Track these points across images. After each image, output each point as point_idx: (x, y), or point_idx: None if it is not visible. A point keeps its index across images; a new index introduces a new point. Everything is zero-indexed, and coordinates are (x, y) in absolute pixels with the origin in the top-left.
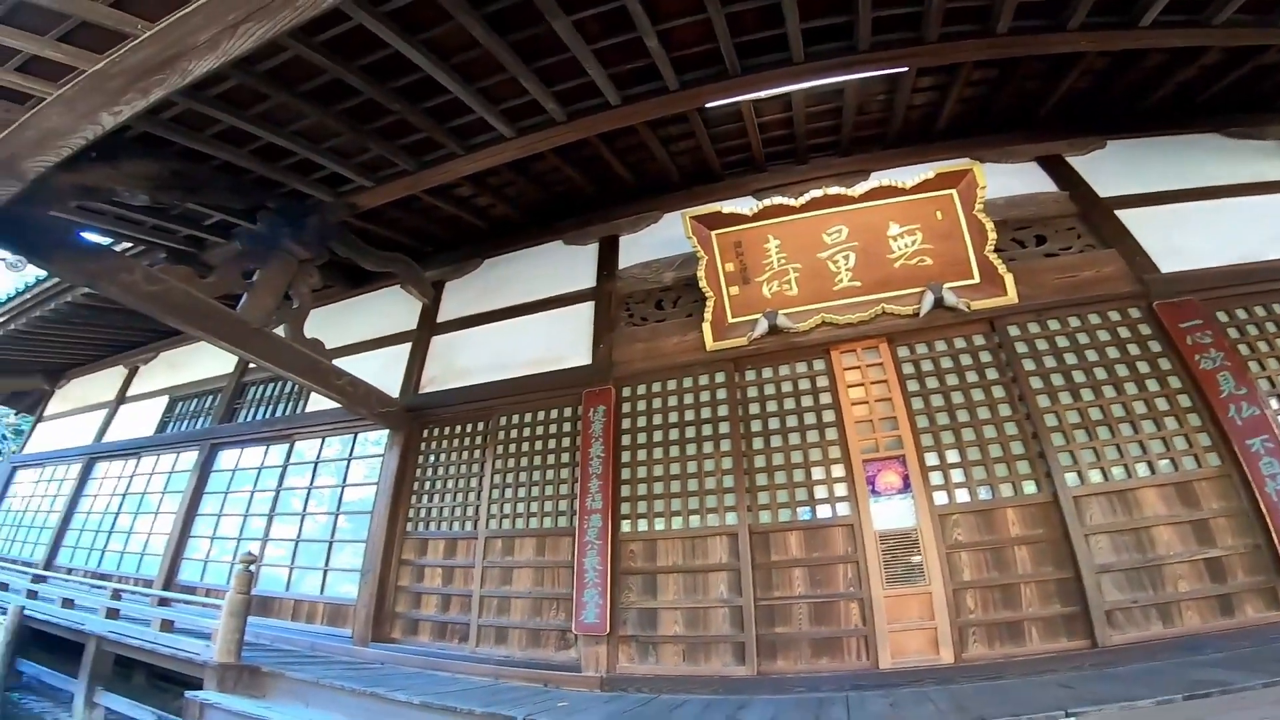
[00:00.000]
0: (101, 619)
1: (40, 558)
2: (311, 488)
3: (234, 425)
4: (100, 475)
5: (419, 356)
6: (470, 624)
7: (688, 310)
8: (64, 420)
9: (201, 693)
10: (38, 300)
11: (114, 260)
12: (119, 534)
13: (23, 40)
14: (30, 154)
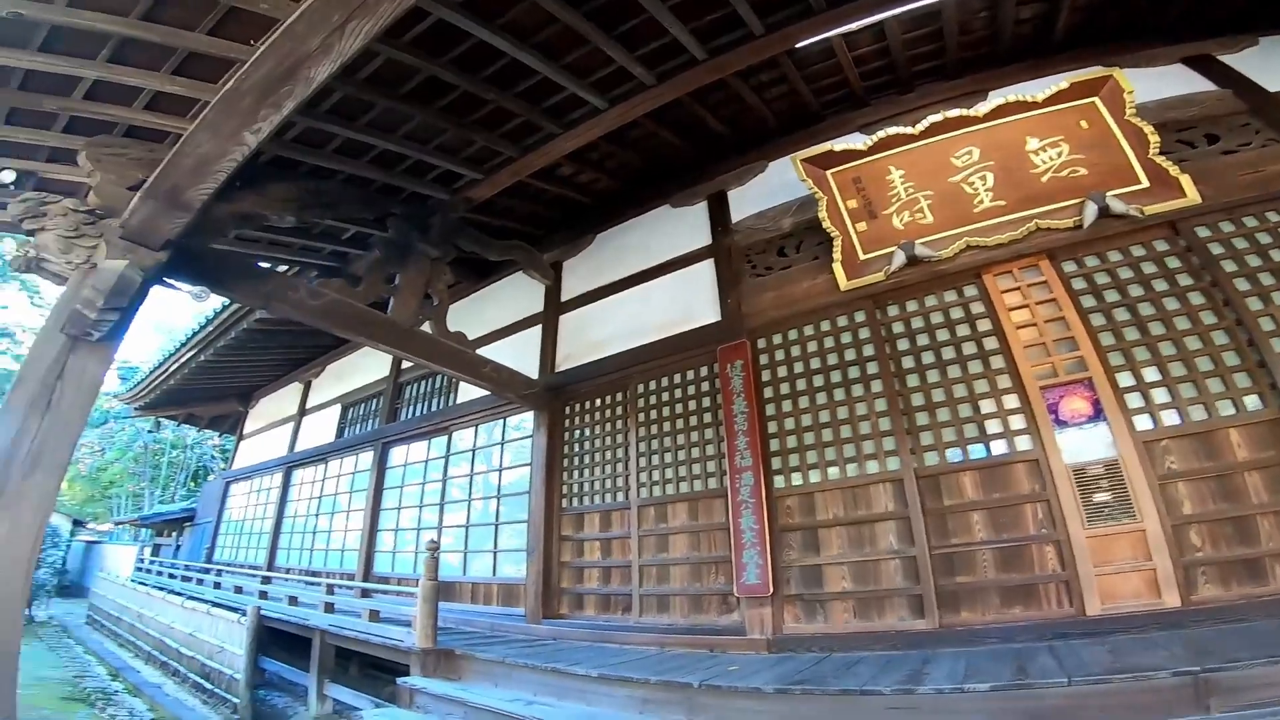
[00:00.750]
0: (322, 614)
1: (262, 561)
2: (472, 474)
3: (398, 424)
4: (298, 481)
5: (550, 336)
6: (632, 594)
7: (813, 254)
8: (260, 436)
9: (410, 679)
10: (220, 330)
11: (280, 281)
12: (321, 533)
13: (141, 77)
14: (191, 183)
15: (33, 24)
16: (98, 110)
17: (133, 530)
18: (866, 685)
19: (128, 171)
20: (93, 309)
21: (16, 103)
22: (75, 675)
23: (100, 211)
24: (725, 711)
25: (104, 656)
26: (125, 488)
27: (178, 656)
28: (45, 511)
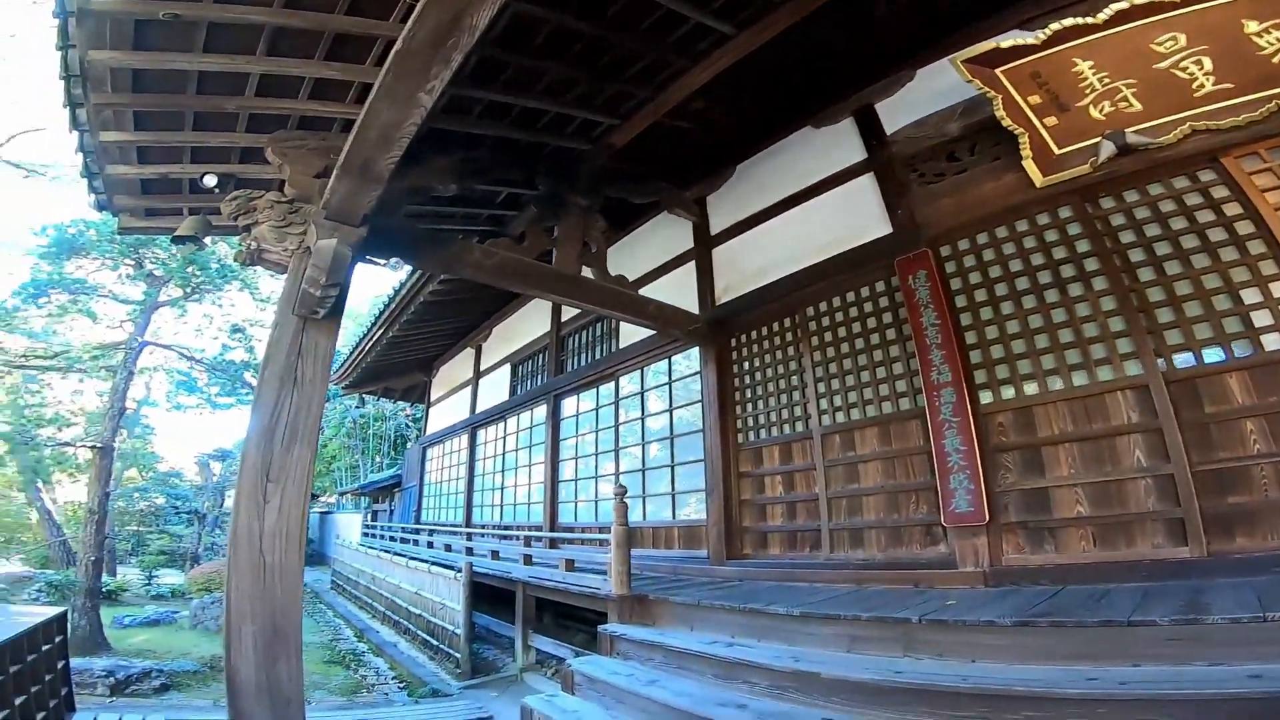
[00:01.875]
0: (522, 566)
1: (460, 519)
2: (643, 417)
3: (566, 375)
4: (482, 441)
5: (705, 271)
6: (820, 529)
7: (992, 154)
8: (444, 402)
9: (609, 626)
10: (400, 306)
11: (457, 246)
12: (507, 489)
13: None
14: (379, 154)
15: (191, 24)
16: (270, 105)
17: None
18: (1133, 616)
19: (310, 161)
20: (316, 286)
21: (199, 106)
22: (331, 639)
23: (297, 201)
24: (951, 647)
25: (350, 619)
26: (344, 461)
27: (407, 615)
28: (307, 482)
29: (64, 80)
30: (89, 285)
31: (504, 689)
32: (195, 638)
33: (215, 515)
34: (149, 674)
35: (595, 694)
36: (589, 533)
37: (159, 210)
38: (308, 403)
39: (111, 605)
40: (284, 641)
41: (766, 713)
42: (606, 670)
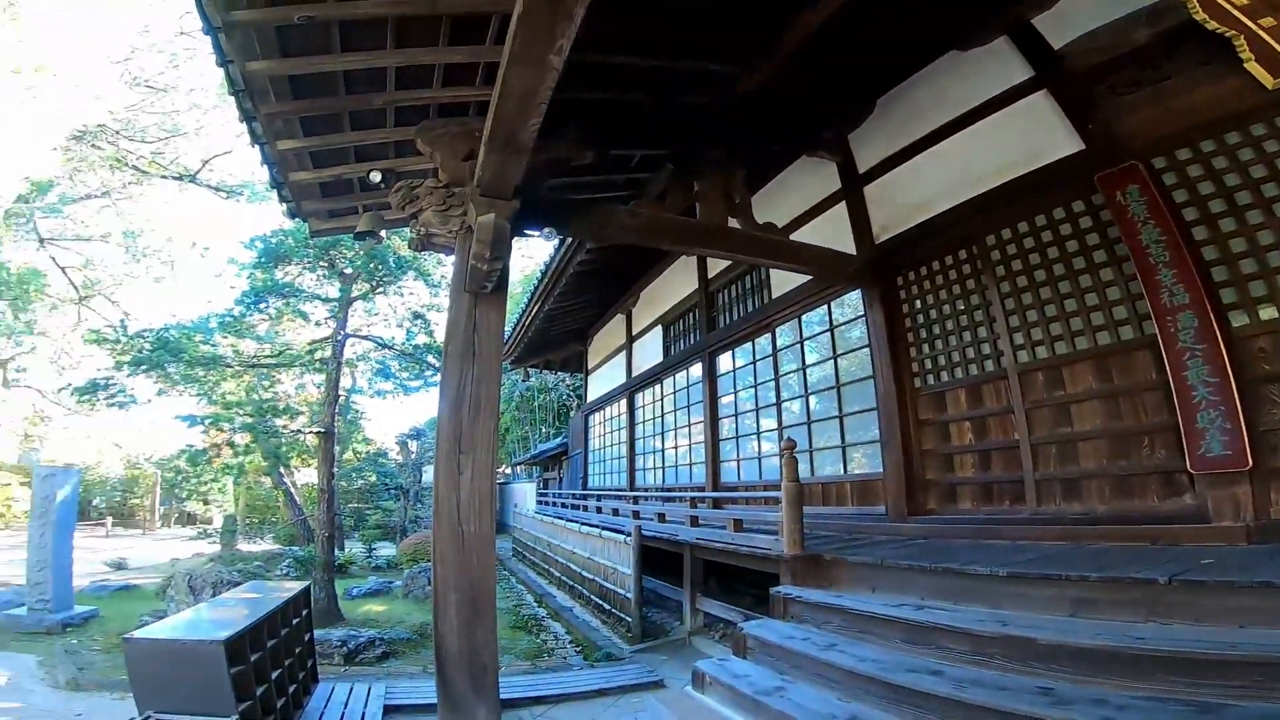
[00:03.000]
0: (689, 528)
1: (624, 483)
2: (804, 368)
3: (719, 331)
4: (640, 404)
5: (858, 211)
6: (1024, 480)
7: (1198, 59)
8: (601, 370)
9: (783, 588)
10: (553, 279)
11: (602, 211)
12: (668, 450)
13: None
14: (520, 122)
15: (324, 25)
16: (410, 97)
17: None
18: None
19: (456, 146)
20: (482, 261)
21: (352, 106)
22: (515, 604)
23: (453, 185)
24: (1211, 612)
25: (531, 584)
26: (516, 433)
27: (581, 580)
28: (494, 451)
29: (234, 96)
30: (296, 288)
31: (673, 653)
32: (408, 606)
33: (416, 490)
34: (373, 643)
35: (768, 658)
36: (753, 491)
37: (339, 211)
38: (486, 374)
39: (341, 578)
40: (480, 609)
41: (966, 680)
42: (779, 634)
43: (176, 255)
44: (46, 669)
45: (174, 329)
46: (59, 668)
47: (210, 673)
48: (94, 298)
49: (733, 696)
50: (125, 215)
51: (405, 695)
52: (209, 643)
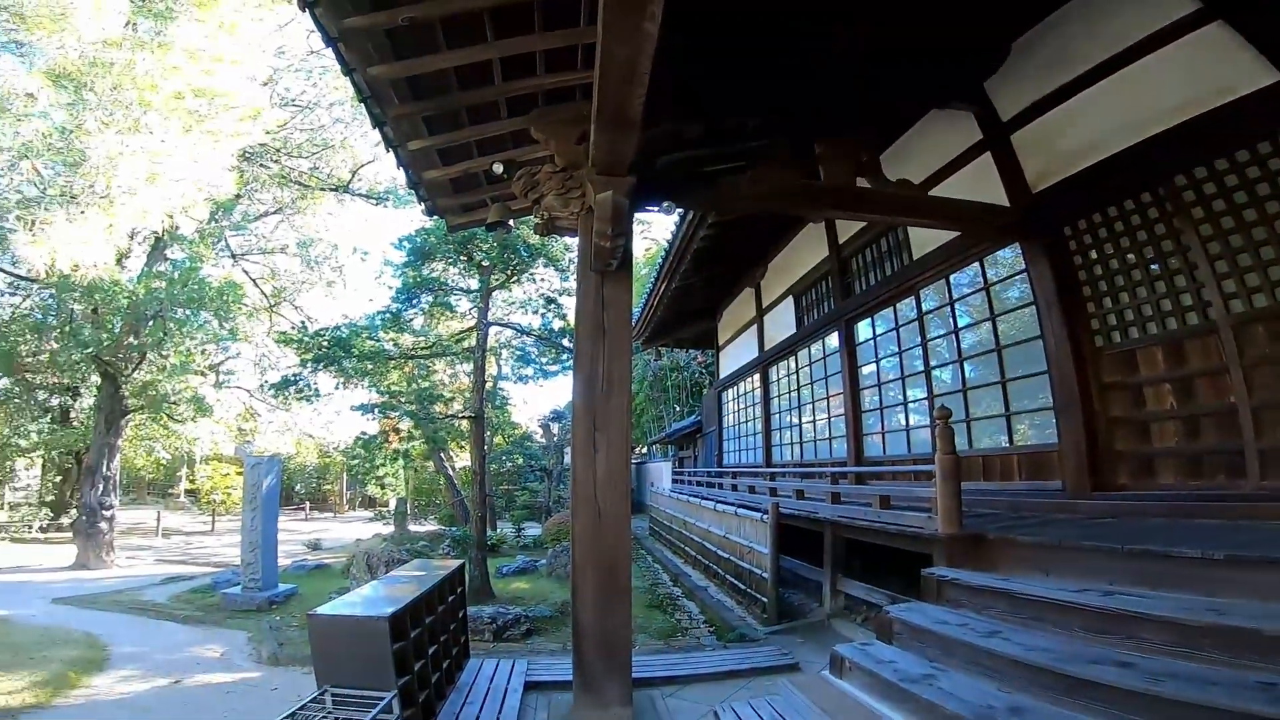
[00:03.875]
0: (830, 505)
1: (760, 459)
2: (955, 330)
3: (855, 298)
4: (774, 378)
5: (1006, 161)
6: (1244, 450)
7: None
8: (732, 345)
9: (936, 569)
10: (677, 257)
11: (724, 181)
12: (806, 424)
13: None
14: (625, 96)
15: (427, 25)
16: (518, 87)
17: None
18: None
19: (568, 130)
20: (605, 239)
21: (467, 101)
22: (651, 584)
23: (569, 169)
24: None
25: (666, 563)
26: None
27: (716, 559)
28: (628, 428)
29: (364, 102)
30: (442, 283)
31: (810, 635)
32: (551, 584)
33: (558, 471)
34: (519, 620)
35: (916, 644)
36: (901, 465)
37: (470, 205)
38: (617, 351)
39: (493, 557)
40: (616, 588)
41: (1163, 673)
42: (931, 618)
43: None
44: (254, 644)
45: (345, 328)
46: (264, 643)
47: (375, 648)
48: (281, 304)
49: (875, 683)
50: (298, 228)
51: (545, 672)
52: (375, 619)
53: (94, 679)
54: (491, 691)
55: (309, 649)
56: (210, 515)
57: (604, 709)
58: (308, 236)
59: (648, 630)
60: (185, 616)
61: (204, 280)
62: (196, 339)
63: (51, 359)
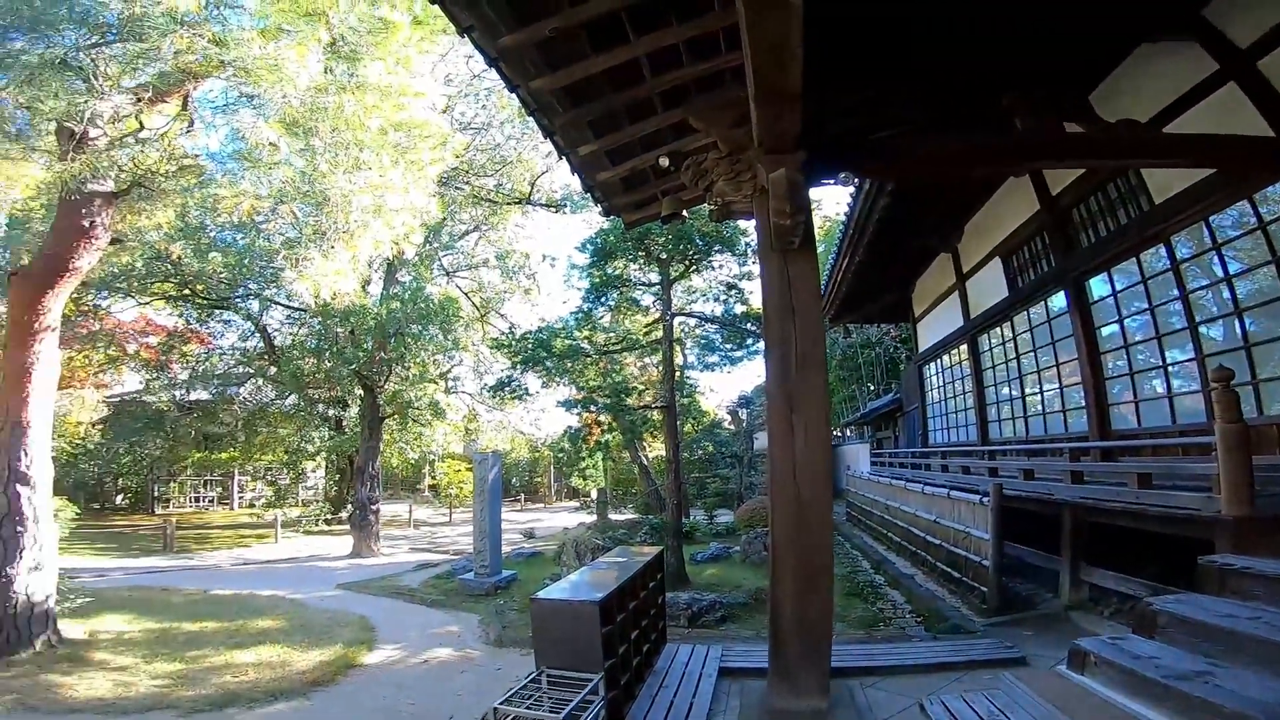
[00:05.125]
0: (1068, 485)
1: (974, 437)
2: (1227, 278)
3: (1082, 252)
4: (985, 348)
5: (1259, 88)
6: None
7: None
8: (930, 316)
9: (1220, 556)
10: (857, 230)
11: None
12: (1029, 397)
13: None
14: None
15: (571, 34)
16: (667, 80)
17: (857, 429)
18: None
19: (724, 115)
20: (783, 217)
21: (623, 101)
22: (850, 571)
23: (735, 152)
24: None
25: (866, 550)
26: (841, 393)
27: (924, 545)
28: (825, 408)
29: (532, 116)
30: (625, 279)
31: (1041, 628)
32: (745, 571)
33: (749, 457)
34: (714, 606)
35: (1186, 638)
36: (1164, 438)
37: (643, 201)
38: (808, 329)
39: (687, 544)
40: (816, 575)
41: None
42: (1211, 611)
43: (535, 268)
44: (483, 626)
45: (545, 330)
46: (491, 626)
47: (587, 631)
48: (489, 313)
49: (1129, 680)
50: (493, 242)
51: (739, 659)
52: (588, 603)
53: (366, 657)
54: (686, 677)
55: (528, 633)
56: (448, 507)
57: (799, 698)
58: (503, 249)
59: (846, 619)
60: (431, 600)
61: (428, 297)
62: (428, 350)
63: (326, 376)
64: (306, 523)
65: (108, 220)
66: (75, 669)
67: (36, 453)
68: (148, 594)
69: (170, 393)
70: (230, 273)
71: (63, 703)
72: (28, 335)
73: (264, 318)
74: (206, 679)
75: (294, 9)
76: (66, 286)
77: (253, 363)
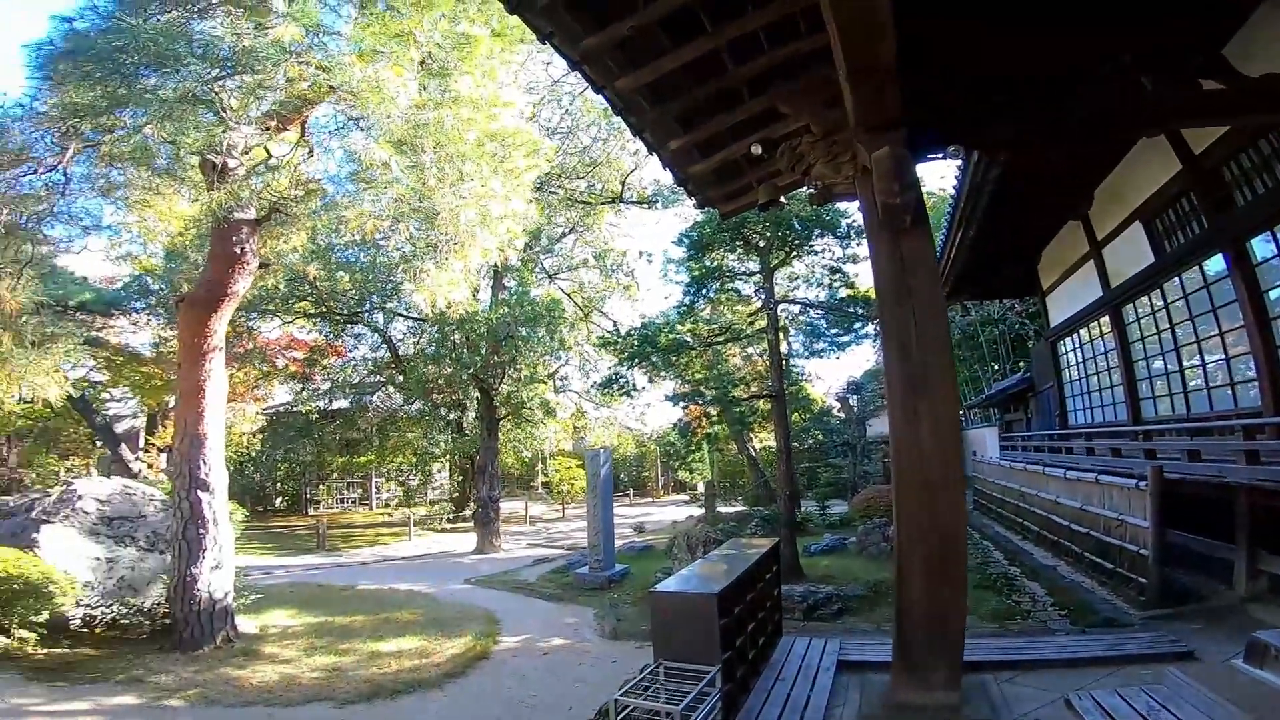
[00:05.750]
0: (1243, 467)
1: (1122, 416)
2: None
3: (1241, 211)
4: (1130, 319)
5: None
6: None
7: None
8: (1061, 288)
9: None
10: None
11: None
12: (1187, 371)
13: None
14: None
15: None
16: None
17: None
18: None
19: (814, 97)
20: (891, 196)
21: (708, 92)
22: (980, 562)
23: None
24: None
25: (998, 540)
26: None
27: (1068, 534)
28: (951, 390)
29: (619, 115)
30: (724, 269)
31: (1210, 621)
32: (862, 563)
33: (861, 445)
34: (830, 599)
35: None
36: None
37: (737, 191)
38: (926, 309)
39: (799, 536)
40: (947, 566)
41: None
42: None
43: (631, 265)
44: (599, 619)
45: (649, 326)
46: (606, 619)
47: (705, 623)
48: (591, 313)
49: None
50: (589, 242)
51: (858, 652)
52: (706, 595)
53: (493, 648)
54: (803, 670)
55: (641, 626)
56: (560, 504)
57: (928, 691)
58: (599, 249)
59: (978, 613)
60: (549, 594)
61: (534, 301)
62: (537, 352)
63: (446, 381)
64: (435, 521)
65: (254, 246)
66: (248, 662)
67: (213, 461)
68: (306, 590)
69: (315, 402)
70: (357, 289)
71: (239, 696)
72: (199, 356)
73: (389, 329)
74: (356, 671)
75: (383, 31)
76: (227, 309)
77: (382, 371)
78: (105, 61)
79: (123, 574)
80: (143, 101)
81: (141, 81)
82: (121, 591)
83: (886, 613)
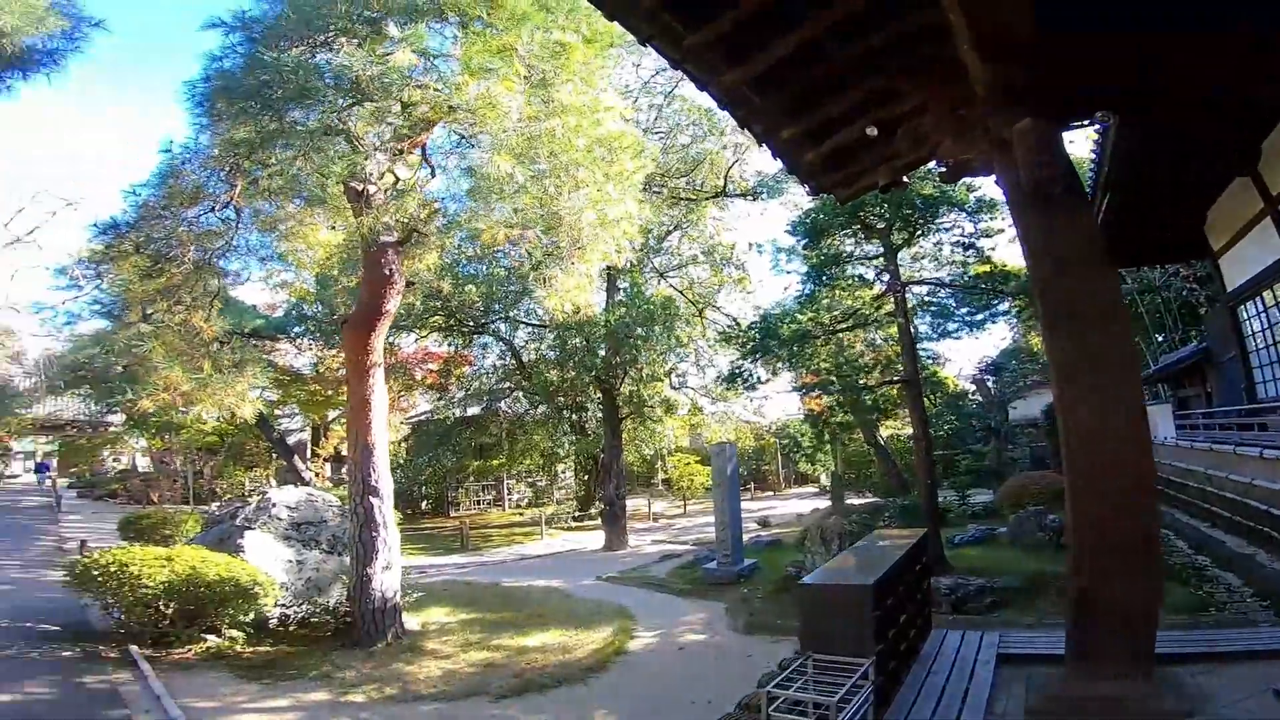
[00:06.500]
0: None
1: None
2: None
3: None
4: None
5: None
6: None
7: None
8: (1236, 248)
9: None
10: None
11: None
12: None
13: None
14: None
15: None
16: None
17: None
18: None
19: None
20: (1042, 168)
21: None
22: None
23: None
24: None
25: (1180, 527)
26: None
27: (1270, 520)
28: (1130, 366)
29: (726, 109)
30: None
31: None
32: (1015, 554)
33: (1005, 429)
34: (982, 591)
35: None
36: None
37: (854, 175)
38: (1087, 281)
39: (941, 527)
40: (1132, 553)
41: None
42: None
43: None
44: (730, 614)
45: (768, 318)
46: (738, 614)
47: (857, 615)
48: (705, 308)
49: None
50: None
51: (1020, 646)
52: (860, 586)
53: (629, 644)
54: (958, 663)
55: (776, 620)
56: (681, 500)
57: (1112, 682)
58: (707, 244)
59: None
60: (679, 589)
61: (649, 300)
62: (656, 350)
63: (570, 384)
64: (563, 519)
65: (399, 266)
66: (415, 658)
67: (381, 469)
68: (457, 588)
69: (451, 410)
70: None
71: (411, 690)
72: (363, 372)
73: (513, 337)
74: (507, 665)
75: (486, 48)
76: (383, 327)
77: (509, 378)
78: (255, 98)
79: (310, 575)
80: (291, 134)
81: (288, 115)
82: (309, 591)
83: (1048, 606)
